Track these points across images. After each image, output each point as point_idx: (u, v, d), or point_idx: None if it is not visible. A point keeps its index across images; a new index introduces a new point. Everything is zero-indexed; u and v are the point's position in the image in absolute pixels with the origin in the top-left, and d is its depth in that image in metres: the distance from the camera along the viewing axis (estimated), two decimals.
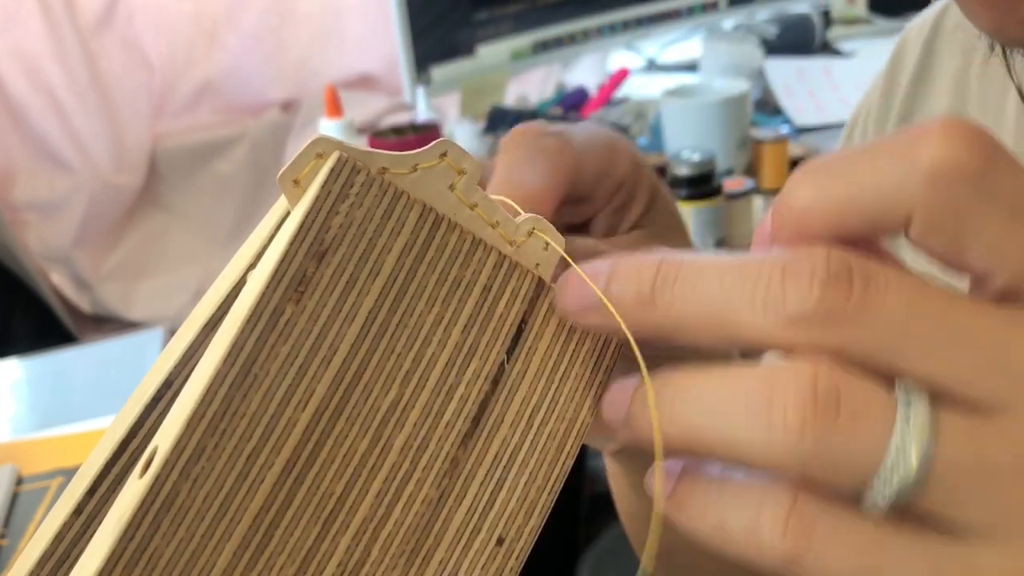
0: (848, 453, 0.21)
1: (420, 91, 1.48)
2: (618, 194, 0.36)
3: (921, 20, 0.53)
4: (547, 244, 0.26)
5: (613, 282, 0.24)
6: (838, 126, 1.41)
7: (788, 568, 0.22)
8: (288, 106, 1.86)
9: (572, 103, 1.60)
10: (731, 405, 0.22)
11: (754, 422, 0.21)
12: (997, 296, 0.22)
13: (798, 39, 1.75)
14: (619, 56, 1.91)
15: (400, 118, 1.60)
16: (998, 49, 0.45)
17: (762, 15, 1.83)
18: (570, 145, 0.33)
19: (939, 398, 0.21)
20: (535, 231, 0.26)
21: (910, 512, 0.21)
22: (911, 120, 0.50)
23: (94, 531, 0.23)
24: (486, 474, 0.25)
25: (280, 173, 0.24)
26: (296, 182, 0.24)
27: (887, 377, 0.21)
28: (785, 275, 0.22)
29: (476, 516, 0.25)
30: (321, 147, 0.23)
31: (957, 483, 0.21)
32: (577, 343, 0.27)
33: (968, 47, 0.48)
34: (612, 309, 0.24)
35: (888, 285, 0.21)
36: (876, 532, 0.21)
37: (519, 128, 0.33)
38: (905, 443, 0.21)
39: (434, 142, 0.25)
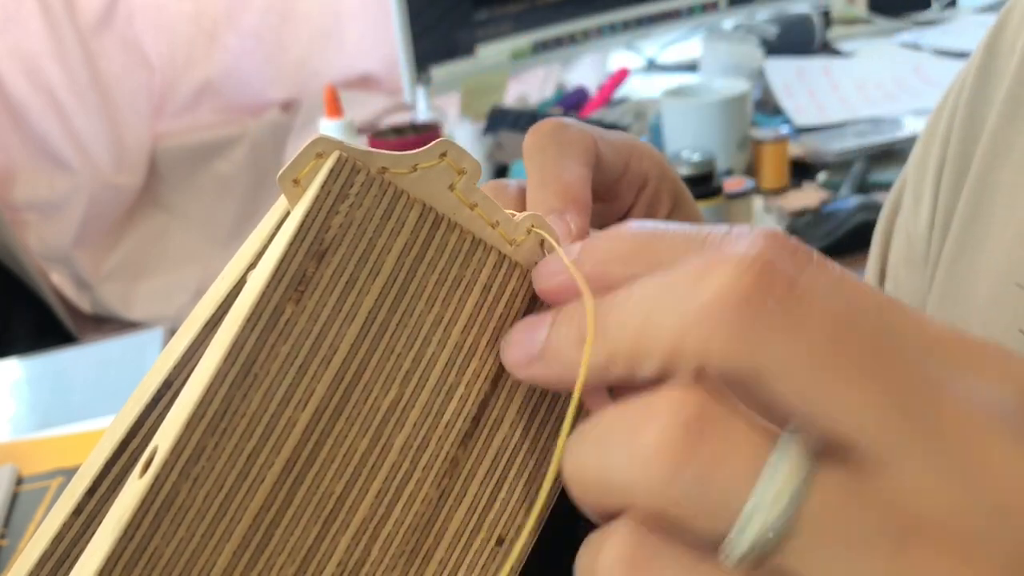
0: (708, 493, 0.19)
1: (420, 91, 1.48)
2: (644, 192, 0.35)
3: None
4: (543, 241, 0.26)
5: (557, 329, 0.24)
6: (838, 126, 1.42)
7: None
8: (288, 106, 1.86)
9: (572, 103, 1.60)
10: (610, 434, 0.21)
11: (622, 451, 0.20)
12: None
13: (798, 39, 1.75)
14: (619, 56, 1.91)
15: (400, 118, 1.60)
16: None
17: (762, 15, 1.83)
18: (590, 134, 0.33)
19: (823, 447, 0.20)
20: (534, 229, 0.26)
21: (766, 567, 0.19)
22: (1016, 119, 0.44)
23: (94, 531, 0.23)
24: (486, 474, 0.25)
25: (280, 173, 0.24)
26: (296, 182, 0.24)
27: (778, 417, 0.20)
28: (710, 275, 0.20)
29: (476, 515, 0.25)
30: (321, 147, 0.23)
31: (819, 543, 0.19)
32: None
33: None
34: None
35: (815, 295, 0.20)
36: None
37: (539, 126, 0.33)
38: (769, 492, 0.19)
39: (434, 142, 0.25)
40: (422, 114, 1.48)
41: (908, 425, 0.19)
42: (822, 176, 1.28)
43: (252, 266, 0.26)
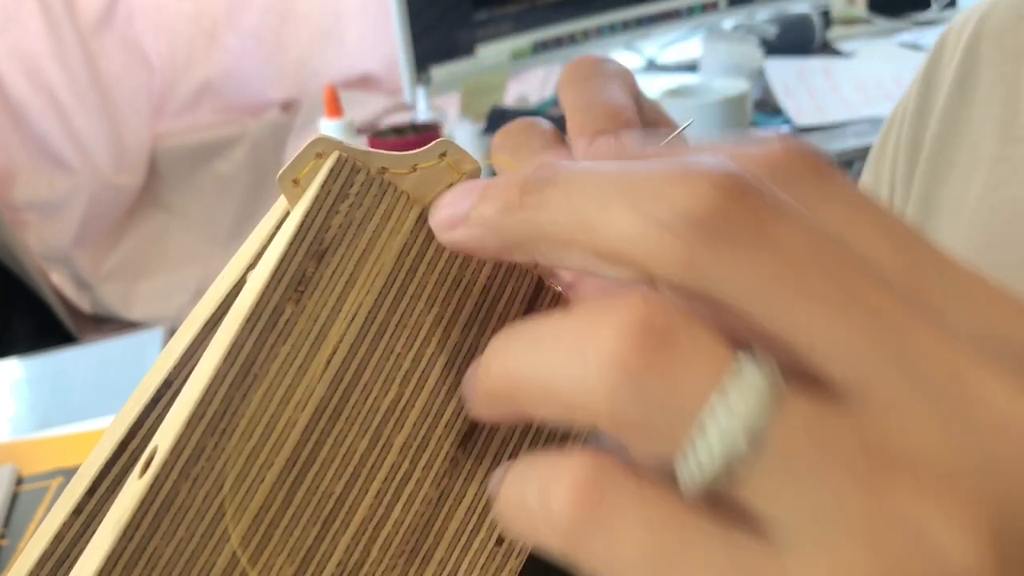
0: (665, 407, 0.17)
1: (420, 91, 1.48)
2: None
3: (961, 22, 0.50)
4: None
5: (487, 192, 0.21)
6: (838, 126, 1.42)
7: (570, 550, 0.18)
8: (288, 106, 1.86)
9: None
10: (554, 341, 0.19)
11: (571, 357, 0.18)
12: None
13: (798, 39, 1.75)
14: (619, 56, 1.91)
15: (400, 118, 1.60)
16: None
17: (762, 15, 1.83)
18: (631, 72, 0.30)
19: (794, 373, 0.18)
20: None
21: (725, 501, 0.18)
22: (957, 128, 0.47)
23: (94, 531, 0.23)
24: (486, 474, 0.25)
25: (280, 173, 0.24)
26: (296, 182, 0.24)
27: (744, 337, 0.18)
28: (679, 178, 0.18)
29: (476, 516, 0.25)
30: (321, 147, 0.23)
31: (785, 474, 0.17)
32: None
33: (1017, 50, 0.46)
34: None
35: (790, 216, 0.18)
36: (679, 515, 0.17)
37: (577, 60, 0.31)
38: (732, 407, 0.17)
39: (434, 142, 0.25)
40: (422, 114, 1.48)
41: (892, 359, 0.18)
42: None
43: (252, 266, 0.26)
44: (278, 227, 0.26)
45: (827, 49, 1.77)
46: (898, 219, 0.20)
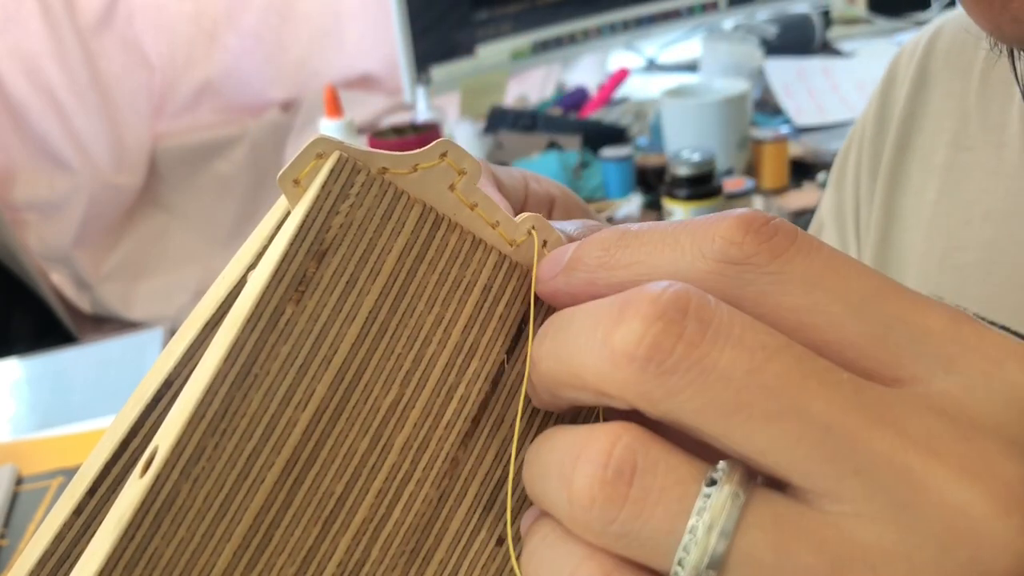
0: (640, 532, 0.19)
1: (420, 91, 1.48)
2: (554, 211, 0.35)
3: (913, 42, 0.52)
4: (545, 243, 0.26)
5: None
6: (838, 126, 1.42)
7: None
8: (288, 106, 1.86)
9: (572, 103, 1.60)
10: (548, 468, 0.21)
11: (559, 490, 0.21)
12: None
13: (798, 39, 1.75)
14: (619, 56, 1.91)
15: (400, 118, 1.60)
16: (998, 66, 0.45)
17: (762, 15, 1.83)
18: (479, 161, 0.33)
19: (758, 478, 0.20)
20: (534, 229, 0.26)
21: None
22: (911, 141, 0.50)
23: (94, 531, 0.23)
24: (486, 474, 0.25)
25: (280, 173, 0.24)
26: (296, 182, 0.24)
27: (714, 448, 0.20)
28: (629, 312, 0.20)
29: (476, 516, 0.25)
30: (321, 147, 0.23)
31: None
32: None
33: (964, 68, 0.48)
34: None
35: (728, 337, 0.19)
36: None
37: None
38: (700, 529, 0.19)
39: (434, 142, 0.25)
40: (422, 114, 1.48)
41: (842, 466, 0.19)
42: (822, 176, 1.28)
43: (252, 266, 0.26)
44: (278, 227, 0.26)
45: (827, 49, 1.77)
46: (858, 276, 0.21)
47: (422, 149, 0.25)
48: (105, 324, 1.77)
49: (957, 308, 0.21)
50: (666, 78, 1.71)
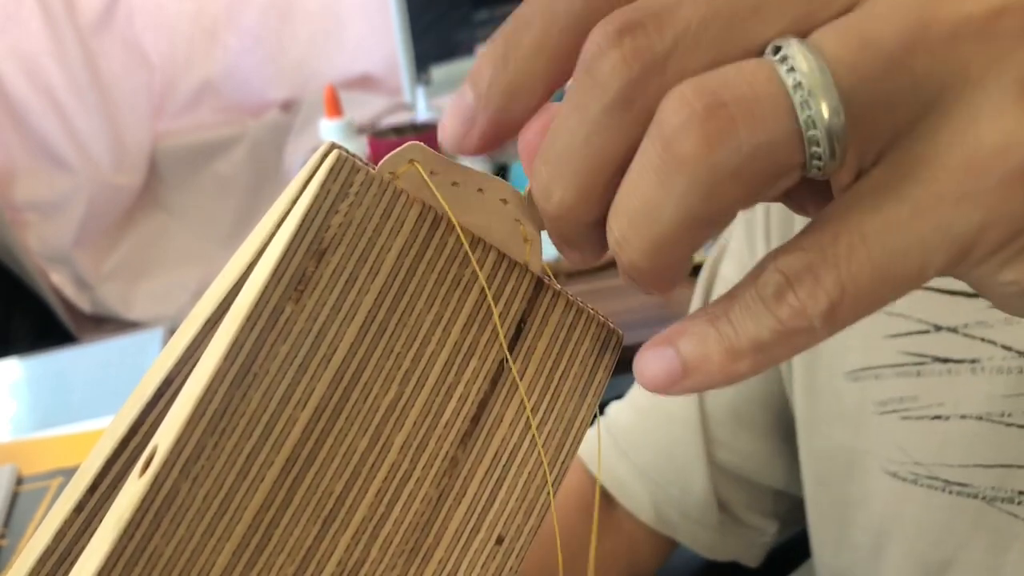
0: (765, 137, 0.19)
1: (420, 91, 1.48)
2: None
3: None
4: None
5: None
6: None
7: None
8: (288, 106, 1.86)
9: None
10: (641, 179, 0.20)
11: (662, 185, 0.20)
12: None
13: None
14: None
15: (400, 118, 1.60)
16: None
17: None
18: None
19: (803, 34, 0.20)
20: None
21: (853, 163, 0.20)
22: None
23: (95, 529, 0.23)
24: (485, 473, 0.25)
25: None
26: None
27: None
28: (593, 60, 0.20)
29: (475, 515, 0.25)
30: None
31: (868, 66, 0.19)
32: (577, 342, 0.27)
33: None
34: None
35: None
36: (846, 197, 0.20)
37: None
38: (805, 82, 0.19)
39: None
40: (422, 114, 1.48)
41: None
42: None
43: (252, 266, 0.26)
44: (278, 227, 0.26)
45: None
46: None
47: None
48: (105, 324, 1.77)
49: None
50: None
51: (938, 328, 0.47)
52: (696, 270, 1.06)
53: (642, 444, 0.62)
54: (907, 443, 0.48)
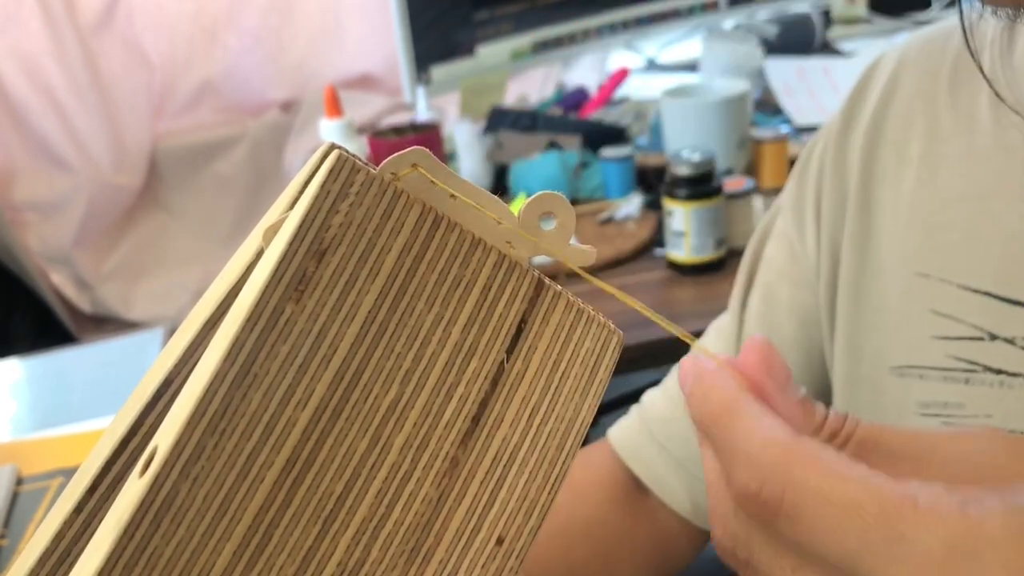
0: None
1: (420, 91, 1.48)
2: None
3: (884, 54, 0.57)
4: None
5: None
6: None
7: None
8: (288, 106, 1.86)
9: (572, 103, 1.60)
10: None
11: None
12: None
13: (798, 39, 1.75)
14: (619, 56, 1.91)
15: (400, 118, 1.60)
16: (962, 64, 0.50)
17: (762, 15, 1.83)
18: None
19: None
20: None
21: None
22: (881, 138, 0.54)
23: (94, 530, 0.23)
24: (486, 473, 0.25)
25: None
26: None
27: None
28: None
29: (476, 515, 0.25)
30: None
31: None
32: (577, 343, 0.27)
33: (933, 71, 0.52)
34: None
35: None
36: None
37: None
38: None
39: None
40: (422, 114, 1.48)
41: None
42: None
43: (252, 266, 0.26)
44: (278, 227, 0.26)
45: (827, 49, 1.77)
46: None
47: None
48: (105, 324, 1.77)
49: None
50: (666, 78, 1.71)
51: (993, 337, 0.45)
52: (718, 264, 1.06)
53: (679, 435, 0.61)
54: None
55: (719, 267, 1.08)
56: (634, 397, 0.66)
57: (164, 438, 0.22)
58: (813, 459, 0.26)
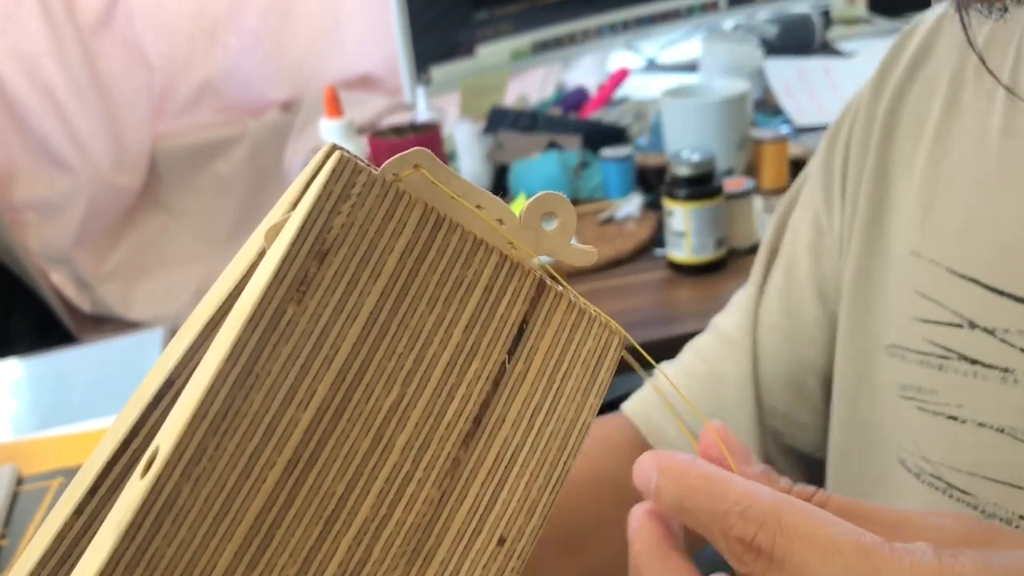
0: None
1: (420, 91, 1.48)
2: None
3: (921, 20, 0.55)
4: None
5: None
6: None
7: None
8: (288, 106, 1.86)
9: (572, 103, 1.60)
10: None
11: None
12: None
13: (798, 39, 1.75)
14: (619, 56, 1.91)
15: (400, 118, 1.60)
16: (998, 34, 0.48)
17: (762, 15, 1.83)
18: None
19: None
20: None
21: None
22: (902, 106, 0.52)
23: (95, 531, 0.23)
24: (487, 474, 0.25)
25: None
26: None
27: None
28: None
29: (477, 516, 0.25)
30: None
31: None
32: (578, 344, 0.27)
33: (962, 42, 0.50)
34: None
35: None
36: None
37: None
38: None
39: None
40: (422, 114, 1.48)
41: None
42: None
43: (253, 267, 0.26)
44: (280, 227, 0.26)
45: (827, 49, 1.77)
46: None
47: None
48: (105, 324, 1.77)
49: None
50: (666, 78, 1.71)
51: (972, 325, 0.45)
52: (718, 264, 1.05)
53: (691, 401, 0.60)
54: (919, 436, 0.47)
55: (719, 267, 1.08)
56: None
57: (166, 439, 0.22)
58: (799, 510, 0.29)
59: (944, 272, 0.46)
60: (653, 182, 1.27)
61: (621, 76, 1.64)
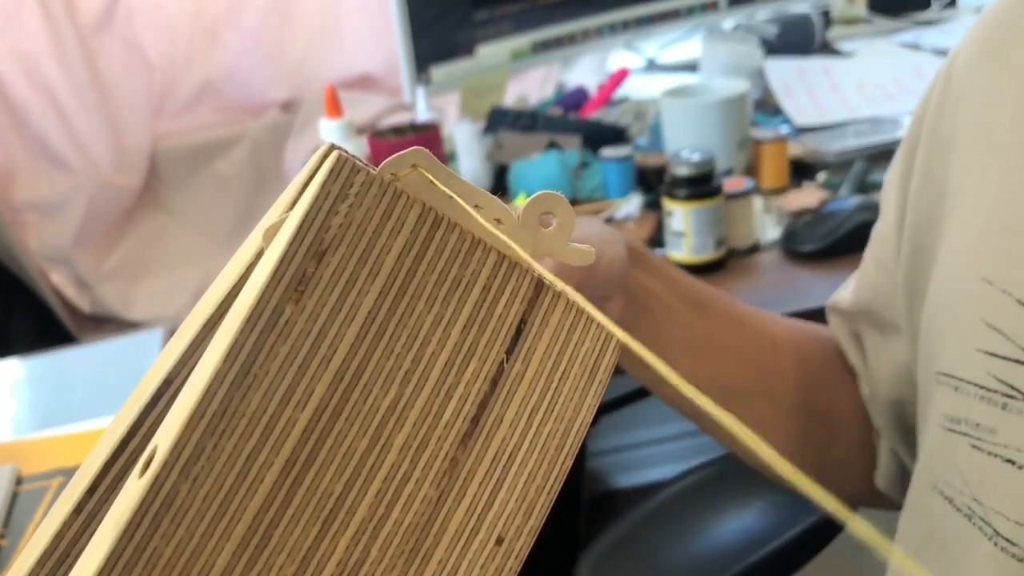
0: None
1: (420, 91, 1.48)
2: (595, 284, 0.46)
3: (978, 18, 0.50)
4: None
5: None
6: (838, 126, 1.42)
7: None
8: (288, 106, 1.86)
9: (572, 103, 1.60)
10: None
11: None
12: None
13: (798, 39, 1.75)
14: (619, 56, 1.91)
15: (400, 118, 1.60)
16: None
17: (762, 15, 1.83)
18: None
19: None
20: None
21: None
22: (964, 112, 0.48)
23: (94, 530, 0.23)
24: (485, 474, 0.25)
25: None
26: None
27: None
28: None
29: (475, 516, 0.25)
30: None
31: None
32: (576, 343, 0.27)
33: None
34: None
35: None
36: None
37: None
38: None
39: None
40: (422, 114, 1.48)
41: None
42: (822, 176, 1.28)
43: (251, 267, 0.26)
44: (278, 227, 0.26)
45: (827, 49, 1.77)
46: None
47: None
48: (105, 324, 1.77)
49: None
50: (666, 78, 1.71)
51: None
52: (718, 264, 1.05)
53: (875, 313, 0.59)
54: (970, 475, 0.43)
55: (719, 267, 1.08)
56: (634, 397, 0.66)
57: (164, 438, 0.22)
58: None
59: (1015, 303, 0.43)
60: (653, 182, 1.27)
61: (621, 76, 1.64)
